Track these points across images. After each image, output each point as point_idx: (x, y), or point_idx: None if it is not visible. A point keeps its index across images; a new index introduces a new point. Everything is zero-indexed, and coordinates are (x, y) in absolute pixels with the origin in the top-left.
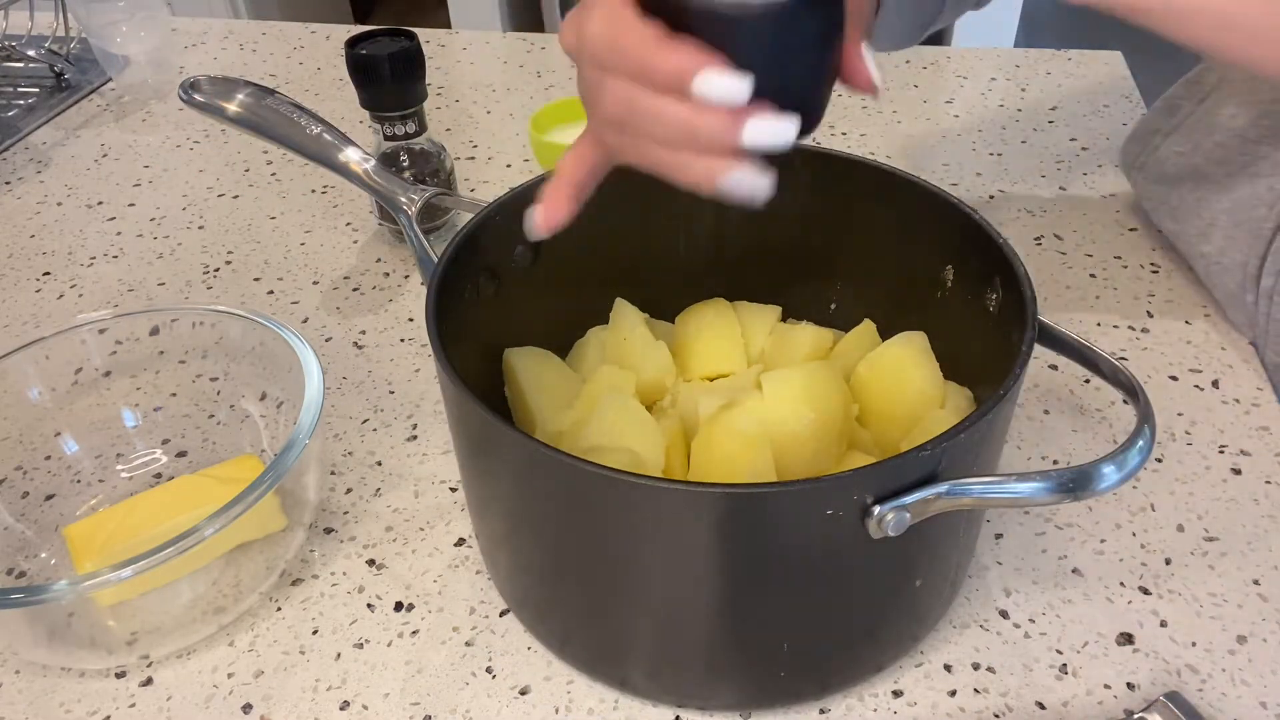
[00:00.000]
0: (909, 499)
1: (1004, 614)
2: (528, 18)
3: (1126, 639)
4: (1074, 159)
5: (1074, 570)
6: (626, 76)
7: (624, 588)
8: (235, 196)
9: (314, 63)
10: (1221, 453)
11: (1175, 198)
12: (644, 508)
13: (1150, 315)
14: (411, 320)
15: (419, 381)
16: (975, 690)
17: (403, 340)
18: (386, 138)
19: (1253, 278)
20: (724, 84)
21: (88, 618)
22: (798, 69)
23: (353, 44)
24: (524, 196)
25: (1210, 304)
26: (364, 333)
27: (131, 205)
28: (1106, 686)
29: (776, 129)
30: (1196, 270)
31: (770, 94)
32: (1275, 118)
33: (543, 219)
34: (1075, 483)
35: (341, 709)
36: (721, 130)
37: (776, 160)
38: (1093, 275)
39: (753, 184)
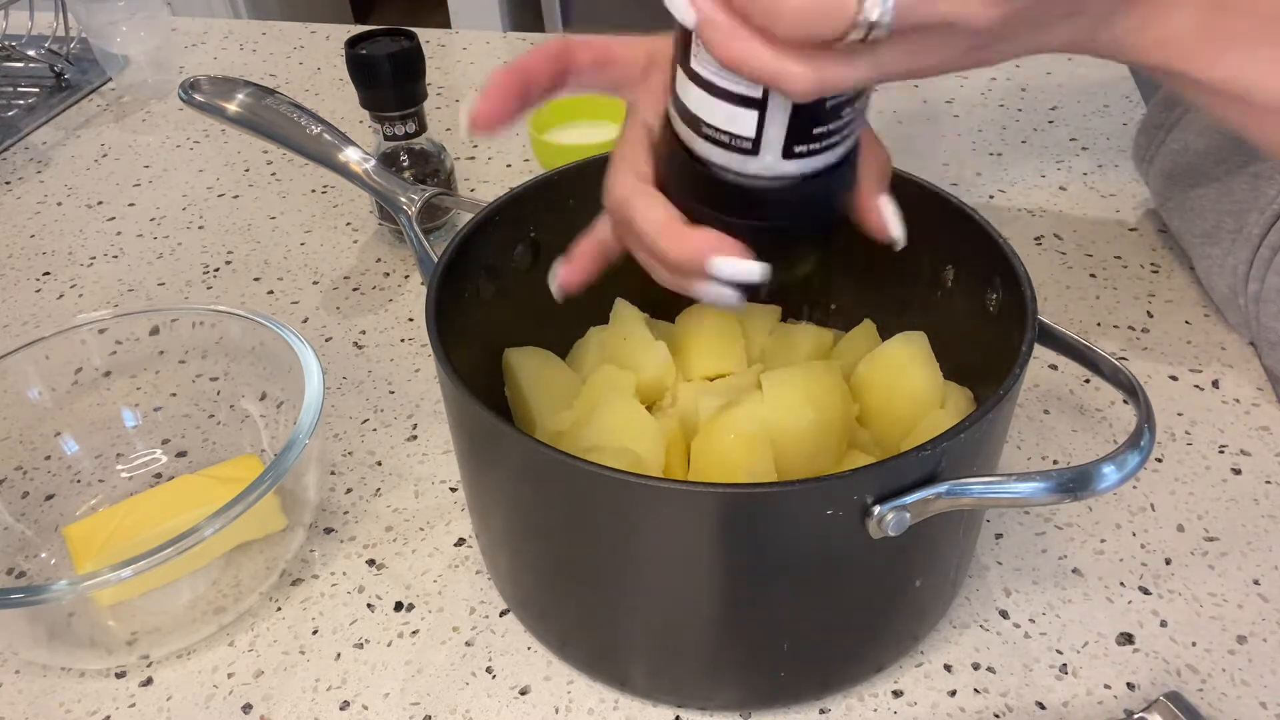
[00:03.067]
0: (909, 499)
1: (1004, 614)
2: (528, 18)
3: (1126, 639)
4: (1074, 159)
5: (1074, 570)
6: (640, 249)
7: (624, 588)
8: (235, 196)
9: (314, 63)
10: (1221, 453)
11: (1179, 195)
12: (644, 508)
13: (1150, 315)
14: (411, 320)
15: (419, 381)
16: (975, 690)
17: (403, 340)
18: (386, 138)
19: (1242, 282)
20: (734, 267)
21: (88, 618)
22: (795, 226)
23: (353, 44)
24: (524, 196)
25: (1210, 304)
26: (364, 333)
27: (131, 205)
28: (1106, 686)
29: (740, 270)
30: (1198, 270)
31: (767, 243)
32: None
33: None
34: (1075, 483)
35: (341, 709)
36: (688, 261)
37: (749, 288)
38: (1093, 275)
39: (719, 297)
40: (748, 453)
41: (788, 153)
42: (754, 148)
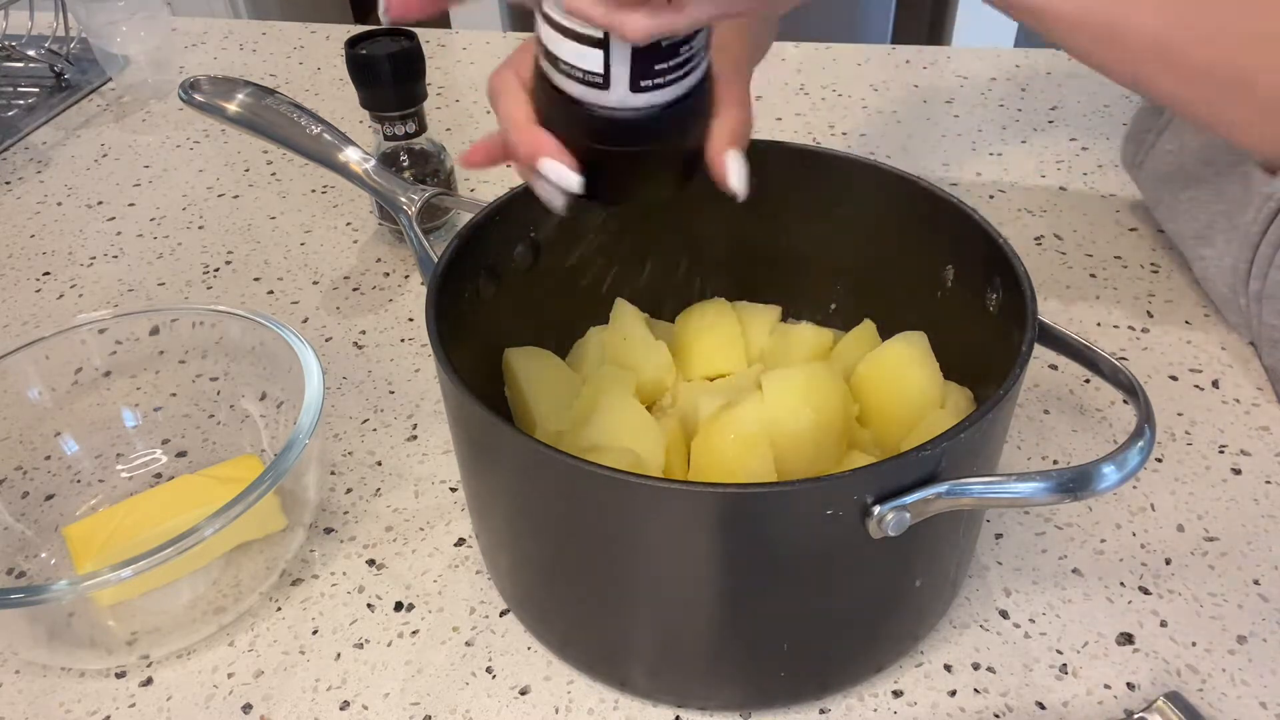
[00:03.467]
0: (909, 499)
1: (1004, 614)
2: (528, 18)
3: (1126, 639)
4: (1074, 159)
5: (1074, 570)
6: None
7: (624, 588)
8: (235, 196)
9: (314, 63)
10: (1221, 453)
11: (1171, 197)
12: (644, 508)
13: (1150, 315)
14: (411, 320)
15: (419, 381)
16: (975, 690)
17: (403, 340)
18: (386, 138)
19: (1242, 281)
20: (555, 170)
21: (88, 618)
22: (650, 152)
23: (353, 44)
24: (524, 196)
25: (1210, 304)
26: (364, 333)
27: (131, 205)
28: (1106, 686)
29: (560, 174)
30: (1194, 271)
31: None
32: None
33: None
34: (1075, 483)
35: (341, 709)
36: (526, 156)
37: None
38: (1093, 275)
39: (548, 196)
40: (748, 453)
41: (635, 87)
42: (604, 83)
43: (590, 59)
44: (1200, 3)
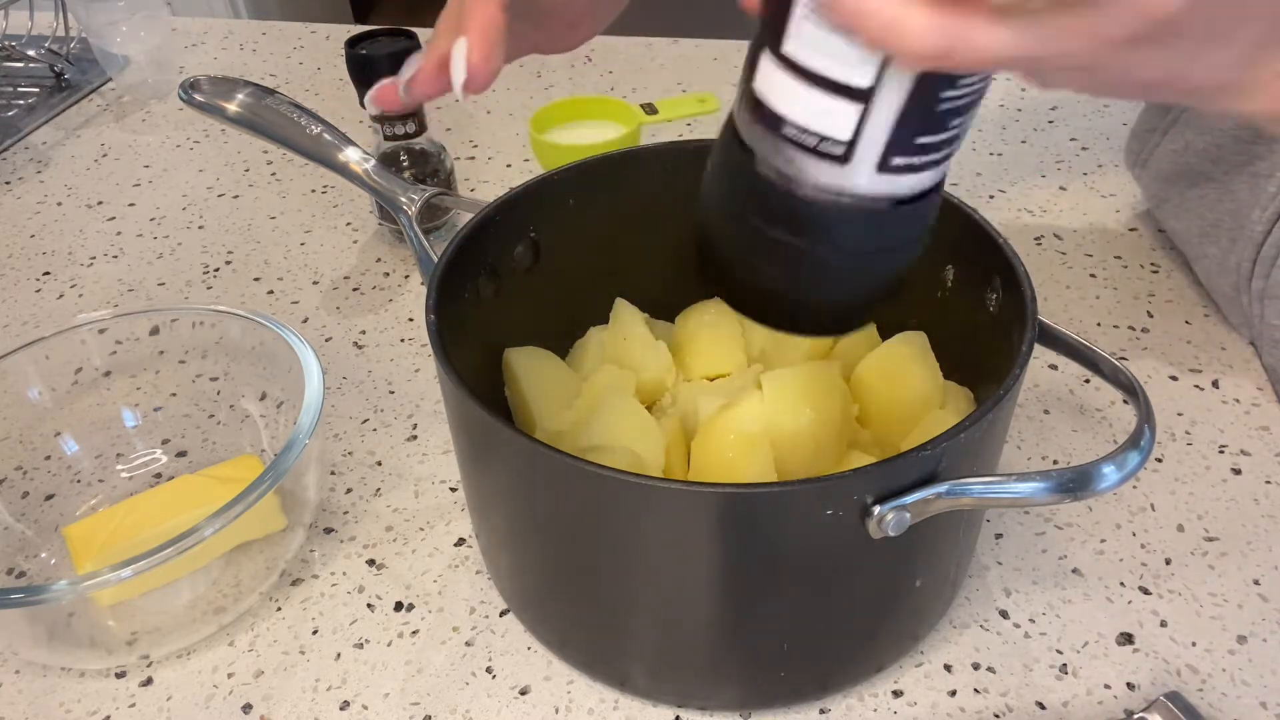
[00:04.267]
0: (909, 499)
1: (1004, 614)
2: None
3: (1126, 639)
4: (1074, 159)
5: (1074, 570)
6: None
7: (624, 588)
8: (235, 196)
9: (314, 63)
10: (1221, 453)
11: (1177, 196)
12: (644, 508)
13: (1150, 315)
14: (411, 320)
15: (419, 381)
16: (975, 690)
17: (403, 340)
18: (386, 138)
19: (1245, 280)
20: (457, 58)
21: (88, 618)
22: (869, 259)
23: (353, 44)
24: (524, 196)
25: (1210, 304)
26: (364, 333)
27: (131, 205)
28: (1106, 686)
29: (459, 65)
30: (1197, 271)
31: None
32: None
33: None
34: (1075, 483)
35: (341, 709)
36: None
37: None
38: (1093, 275)
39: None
40: (748, 453)
41: (884, 164)
42: (846, 153)
43: (837, 116)
44: None
